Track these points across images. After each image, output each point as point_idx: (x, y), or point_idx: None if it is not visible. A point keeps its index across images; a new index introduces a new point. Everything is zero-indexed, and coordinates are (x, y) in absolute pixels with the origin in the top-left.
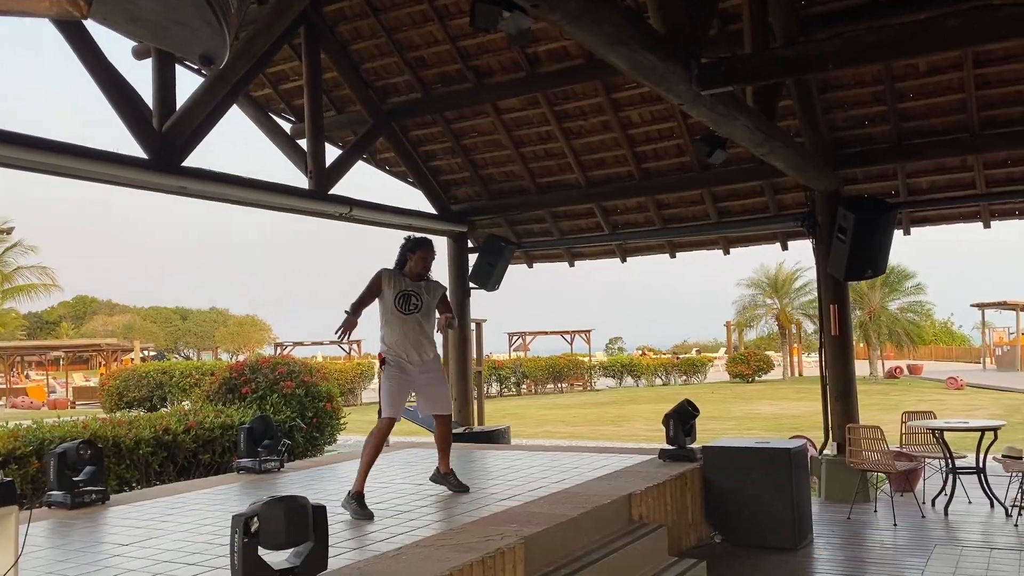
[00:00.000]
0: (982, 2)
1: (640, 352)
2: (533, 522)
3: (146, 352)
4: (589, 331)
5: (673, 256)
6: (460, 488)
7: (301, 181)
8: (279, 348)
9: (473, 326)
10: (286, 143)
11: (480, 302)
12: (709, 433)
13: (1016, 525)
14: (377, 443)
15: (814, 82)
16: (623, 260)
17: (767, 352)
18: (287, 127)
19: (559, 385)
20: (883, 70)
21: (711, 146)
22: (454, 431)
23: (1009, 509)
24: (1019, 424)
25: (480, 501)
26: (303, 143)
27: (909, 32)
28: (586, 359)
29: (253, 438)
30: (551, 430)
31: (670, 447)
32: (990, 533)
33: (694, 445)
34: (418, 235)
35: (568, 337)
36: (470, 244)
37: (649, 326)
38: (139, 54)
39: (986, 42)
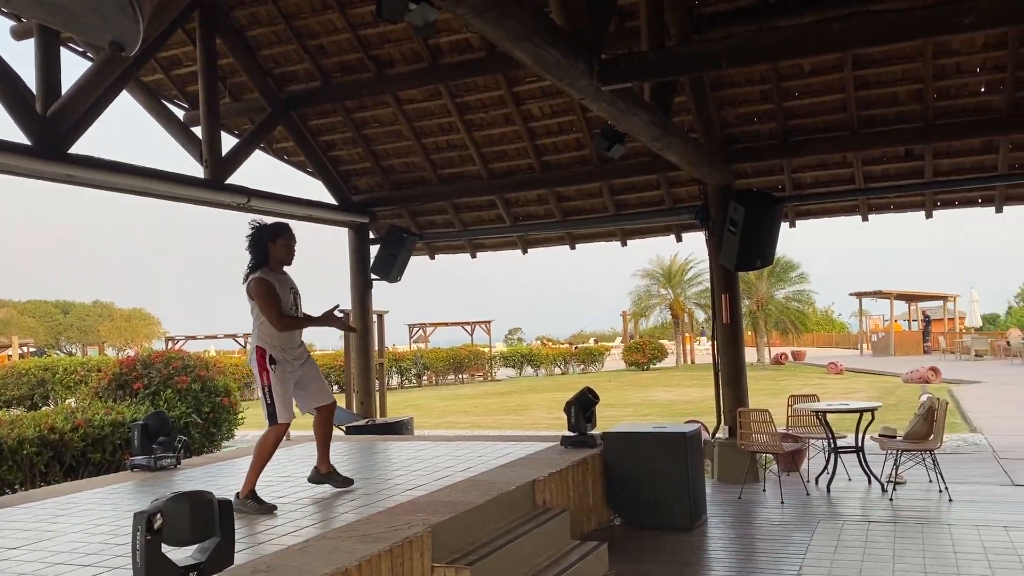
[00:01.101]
0: (863, 7)
1: (539, 342)
2: (439, 510)
3: (25, 348)
4: (489, 322)
5: (573, 248)
6: (346, 483)
7: (196, 170)
8: (170, 342)
9: (375, 318)
10: (179, 131)
11: (380, 294)
12: (608, 420)
13: (891, 499)
14: (274, 447)
15: (708, 80)
16: (524, 252)
17: (661, 341)
18: (180, 114)
19: (460, 376)
20: (771, 69)
21: (610, 140)
22: (357, 424)
23: (885, 484)
24: (893, 405)
25: (386, 491)
26: (198, 131)
27: (800, 33)
28: (486, 350)
29: (147, 435)
30: (453, 420)
31: (571, 434)
32: (868, 507)
33: (594, 431)
34: (270, 220)
35: (468, 328)
36: (371, 235)
37: (548, 316)
38: (18, 34)
39: (867, 45)
